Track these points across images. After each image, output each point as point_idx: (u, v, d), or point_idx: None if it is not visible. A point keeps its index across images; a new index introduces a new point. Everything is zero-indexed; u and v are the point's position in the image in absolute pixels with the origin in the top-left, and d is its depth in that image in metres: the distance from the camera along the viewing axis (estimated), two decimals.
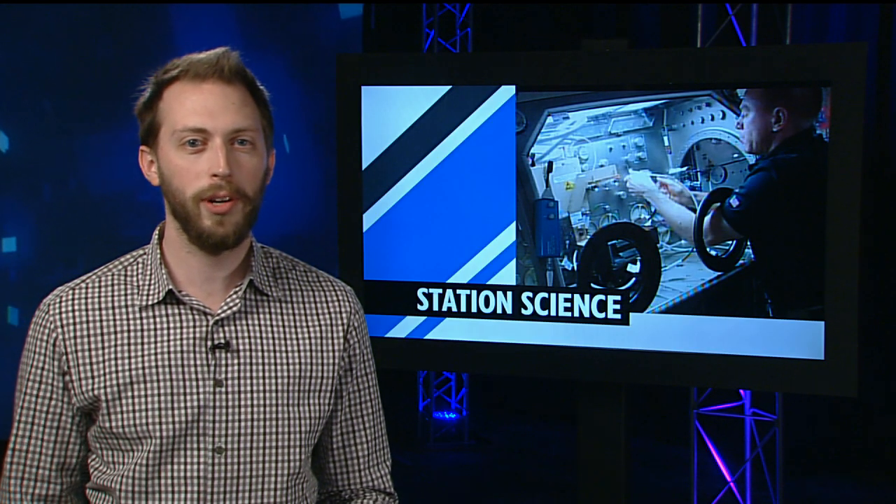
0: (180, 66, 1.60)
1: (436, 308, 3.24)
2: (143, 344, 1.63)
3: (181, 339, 1.63)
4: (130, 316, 1.65)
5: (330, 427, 1.76)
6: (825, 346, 2.96)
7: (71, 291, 1.67)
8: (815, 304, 2.97)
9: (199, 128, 1.58)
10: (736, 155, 3.01)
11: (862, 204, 2.92)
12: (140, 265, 1.69)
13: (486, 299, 3.21)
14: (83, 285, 1.68)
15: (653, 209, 3.09)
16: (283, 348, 1.68)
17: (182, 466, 1.61)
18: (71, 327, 1.64)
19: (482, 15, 6.34)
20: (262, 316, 1.69)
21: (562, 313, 3.16)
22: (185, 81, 1.60)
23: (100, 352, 1.63)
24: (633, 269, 3.12)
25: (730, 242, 3.05)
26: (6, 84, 5.34)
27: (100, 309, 1.65)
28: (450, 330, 3.24)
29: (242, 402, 1.64)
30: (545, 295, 3.17)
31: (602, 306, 3.13)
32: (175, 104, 1.60)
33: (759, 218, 3.01)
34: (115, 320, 1.64)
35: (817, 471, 5.39)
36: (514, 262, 3.18)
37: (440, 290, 3.23)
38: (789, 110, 2.95)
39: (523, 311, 3.18)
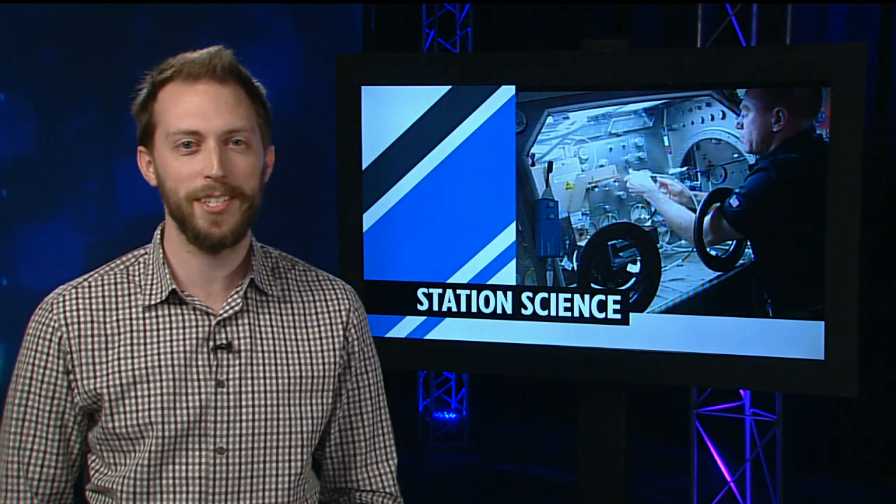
0: (174, 67, 1.60)
1: (436, 308, 3.24)
2: (146, 344, 1.63)
3: (184, 340, 1.63)
4: (133, 315, 1.64)
5: (329, 425, 1.76)
6: (825, 346, 2.96)
7: (73, 290, 1.67)
8: (815, 304, 2.97)
9: (192, 130, 1.57)
10: (736, 155, 3.01)
11: (862, 204, 2.92)
12: (142, 265, 1.68)
13: (486, 299, 3.21)
14: (85, 284, 1.68)
15: (653, 209, 3.09)
16: (284, 348, 1.68)
17: (184, 467, 1.61)
18: (75, 326, 1.63)
19: (482, 15, 6.33)
20: (262, 315, 1.69)
21: (562, 313, 3.16)
22: (178, 82, 1.59)
23: (103, 351, 1.63)
24: (633, 269, 3.12)
25: (730, 242, 3.05)
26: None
27: (103, 308, 1.65)
28: (450, 330, 3.24)
29: (244, 403, 1.64)
30: (545, 295, 3.17)
31: (602, 306, 3.13)
32: (169, 106, 1.59)
33: (759, 218, 3.01)
34: (118, 320, 1.64)
35: (817, 471, 5.38)
36: (514, 262, 3.18)
37: (440, 290, 3.23)
38: (789, 110, 2.95)
39: (523, 311, 3.18)
